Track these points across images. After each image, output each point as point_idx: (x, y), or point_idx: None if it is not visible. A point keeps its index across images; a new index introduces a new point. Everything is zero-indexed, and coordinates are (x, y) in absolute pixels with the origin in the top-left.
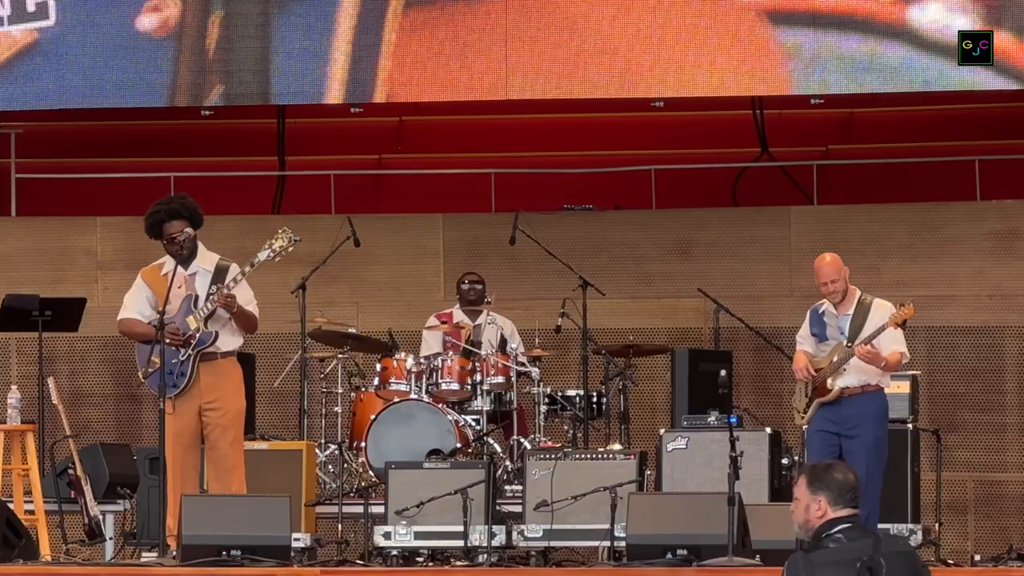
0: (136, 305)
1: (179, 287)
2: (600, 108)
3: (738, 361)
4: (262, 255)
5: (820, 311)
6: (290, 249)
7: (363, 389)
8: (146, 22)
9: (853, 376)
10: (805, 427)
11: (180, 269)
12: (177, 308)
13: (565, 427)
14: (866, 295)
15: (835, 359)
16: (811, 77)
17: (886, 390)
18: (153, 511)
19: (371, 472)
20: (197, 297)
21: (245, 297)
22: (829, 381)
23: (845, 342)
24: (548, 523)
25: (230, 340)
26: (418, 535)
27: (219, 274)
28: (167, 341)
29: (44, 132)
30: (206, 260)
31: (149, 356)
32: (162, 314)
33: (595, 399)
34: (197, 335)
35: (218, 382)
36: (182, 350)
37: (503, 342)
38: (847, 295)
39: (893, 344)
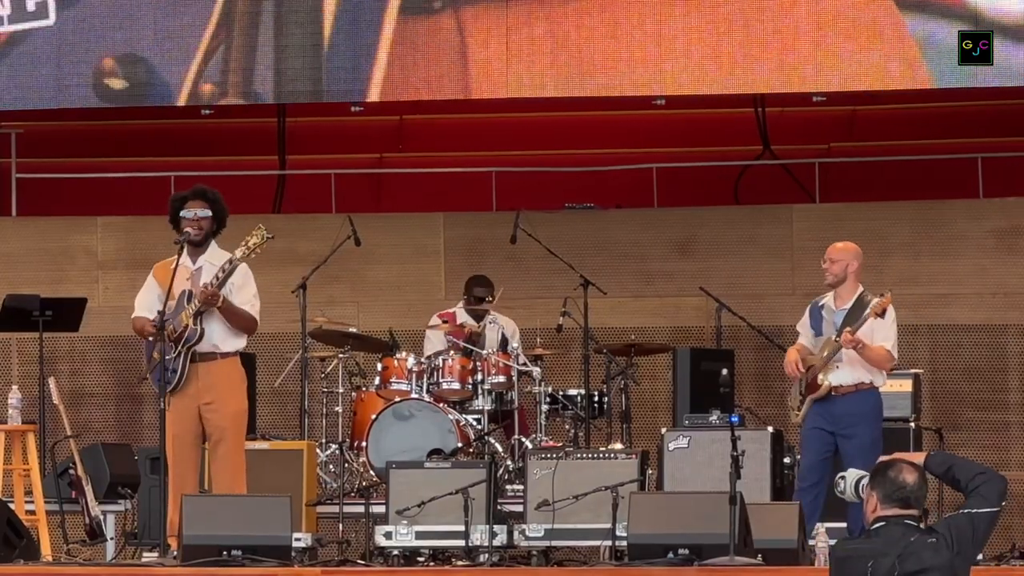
0: (145, 303)
1: (186, 280)
2: (601, 106)
3: (740, 360)
4: (238, 253)
5: (820, 304)
6: (263, 246)
7: (364, 388)
8: None
9: (846, 373)
10: (800, 425)
11: (188, 263)
12: (176, 304)
13: (566, 426)
14: (868, 293)
15: (825, 354)
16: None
17: (881, 389)
18: (154, 511)
19: (372, 472)
20: (192, 293)
21: (244, 296)
22: (820, 376)
23: (835, 337)
24: (549, 523)
25: (230, 341)
26: (419, 535)
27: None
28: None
29: (44, 132)
30: (215, 257)
31: (151, 353)
32: (162, 313)
33: (596, 398)
34: (186, 332)
35: (216, 383)
36: (174, 347)
37: (504, 342)
38: (847, 288)
39: (883, 340)
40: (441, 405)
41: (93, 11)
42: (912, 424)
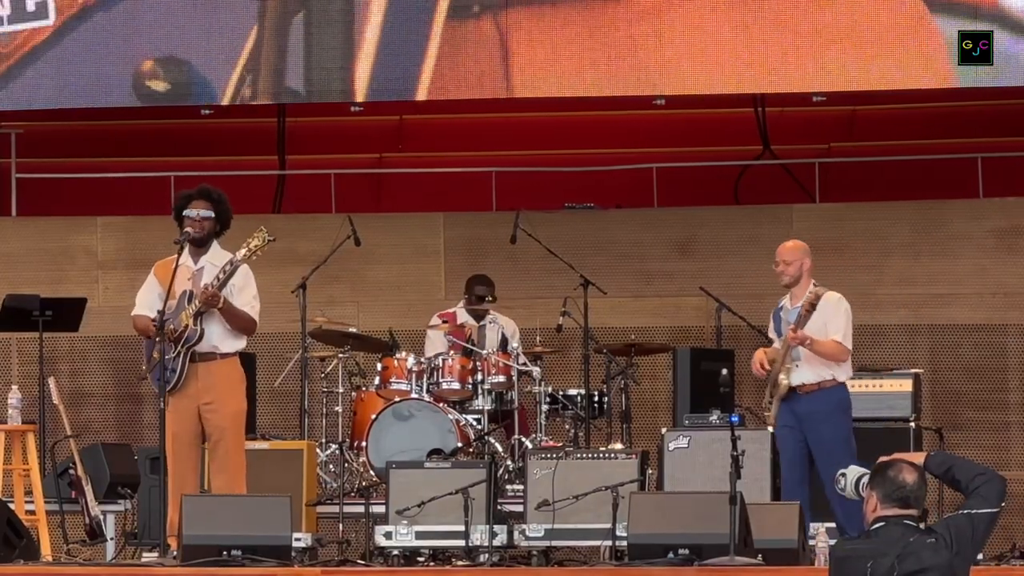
0: (146, 301)
1: (187, 280)
2: (601, 106)
3: (740, 360)
4: (239, 255)
5: (780, 306)
6: (265, 248)
7: (364, 388)
8: None
9: (806, 372)
10: (773, 425)
11: (189, 263)
12: (176, 304)
13: (566, 426)
14: (821, 288)
15: (782, 353)
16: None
17: (881, 389)
18: (154, 511)
19: (372, 472)
20: (192, 293)
21: (244, 298)
22: (781, 376)
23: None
24: (549, 523)
25: (230, 341)
26: (419, 535)
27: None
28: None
29: (44, 132)
30: (217, 257)
31: (151, 353)
32: (161, 312)
33: (596, 398)
34: (186, 332)
35: (216, 383)
36: (174, 347)
37: (504, 342)
38: (800, 287)
39: (834, 332)
40: (441, 405)
41: (134, 11)
42: (912, 424)
